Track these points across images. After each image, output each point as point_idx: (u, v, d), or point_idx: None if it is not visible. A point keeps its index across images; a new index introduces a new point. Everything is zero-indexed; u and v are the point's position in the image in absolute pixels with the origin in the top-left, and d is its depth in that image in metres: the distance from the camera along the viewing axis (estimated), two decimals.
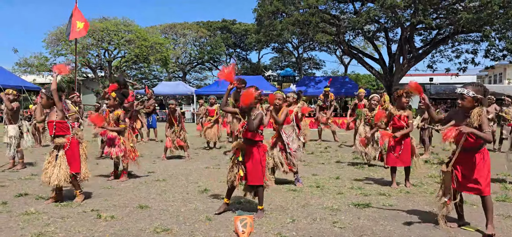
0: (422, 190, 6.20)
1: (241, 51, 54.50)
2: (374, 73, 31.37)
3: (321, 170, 8.12)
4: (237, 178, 4.83)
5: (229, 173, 4.92)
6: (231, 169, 4.91)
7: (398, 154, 6.30)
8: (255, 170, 4.77)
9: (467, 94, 4.07)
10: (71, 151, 5.41)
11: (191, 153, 10.51)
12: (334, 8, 29.80)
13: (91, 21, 37.31)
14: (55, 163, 5.32)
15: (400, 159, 6.32)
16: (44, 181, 5.34)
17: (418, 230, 4.30)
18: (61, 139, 5.38)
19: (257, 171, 4.77)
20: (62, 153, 5.35)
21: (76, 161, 5.46)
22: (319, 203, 5.39)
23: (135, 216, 4.80)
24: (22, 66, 37.56)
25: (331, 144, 13.19)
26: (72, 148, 5.42)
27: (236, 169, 4.85)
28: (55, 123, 5.34)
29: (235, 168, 4.86)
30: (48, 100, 5.40)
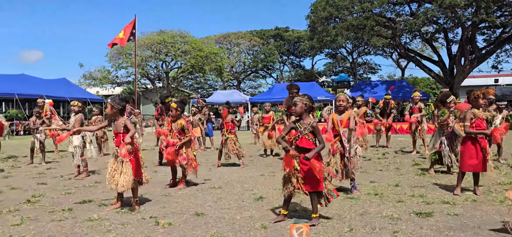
0: (491, 198, 5.78)
1: (295, 58, 54.41)
2: (433, 76, 30.12)
3: (379, 177, 7.83)
4: (295, 188, 4.73)
5: (286, 183, 4.81)
6: (288, 179, 4.79)
7: (476, 159, 5.91)
8: (313, 177, 4.66)
9: None
10: (135, 157, 5.60)
11: (247, 160, 10.54)
12: (390, 10, 29.00)
13: (149, 34, 38.98)
14: (121, 169, 5.50)
15: (479, 164, 5.92)
16: (112, 187, 5.52)
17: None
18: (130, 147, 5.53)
19: (314, 178, 4.66)
20: (127, 160, 5.53)
21: (139, 167, 5.67)
22: (378, 212, 5.18)
23: (192, 223, 4.85)
24: (87, 79, 39.79)
25: (389, 150, 12.73)
26: (135, 154, 5.62)
27: (294, 179, 4.75)
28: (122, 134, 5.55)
29: (293, 178, 4.76)
30: (112, 110, 5.62)
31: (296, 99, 4.82)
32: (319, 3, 29.59)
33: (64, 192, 6.81)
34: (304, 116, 4.76)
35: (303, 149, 4.70)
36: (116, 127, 5.63)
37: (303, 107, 4.75)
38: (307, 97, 4.85)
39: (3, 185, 7.56)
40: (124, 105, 5.71)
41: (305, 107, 4.76)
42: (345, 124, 6.12)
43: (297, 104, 4.77)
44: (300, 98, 4.80)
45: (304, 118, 4.76)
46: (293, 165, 4.68)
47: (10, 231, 4.62)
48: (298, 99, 4.79)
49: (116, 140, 5.61)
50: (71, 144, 8.60)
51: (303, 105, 4.75)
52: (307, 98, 4.83)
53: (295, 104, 4.78)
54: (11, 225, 4.86)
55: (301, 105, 4.75)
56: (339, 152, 6.24)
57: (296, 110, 4.78)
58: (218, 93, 37.05)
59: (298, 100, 4.78)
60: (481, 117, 5.95)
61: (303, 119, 4.76)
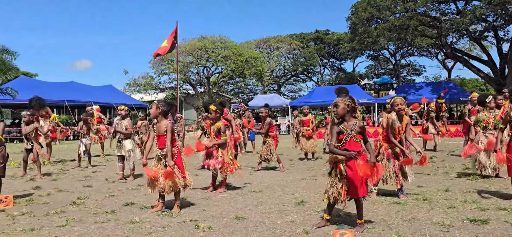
0: None
1: (335, 60, 53.70)
2: (482, 76, 28.74)
3: (427, 181, 7.46)
4: (342, 194, 4.51)
5: (331, 188, 4.59)
6: (334, 184, 4.58)
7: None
8: (357, 182, 4.45)
9: None
10: (178, 160, 5.64)
11: (287, 164, 10.40)
12: (434, 9, 27.96)
13: (190, 41, 39.67)
14: (162, 173, 5.52)
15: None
16: (154, 190, 5.55)
17: None
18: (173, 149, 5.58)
19: (359, 182, 4.45)
20: (173, 163, 5.55)
21: (183, 170, 5.69)
22: (428, 218, 4.89)
23: (232, 227, 4.77)
24: (131, 86, 40.96)
25: (437, 154, 12.19)
26: (178, 157, 5.66)
27: (340, 184, 4.53)
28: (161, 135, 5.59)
29: (339, 182, 4.54)
30: (157, 110, 5.68)
31: (338, 100, 4.62)
32: (360, 4, 29.01)
33: (108, 195, 6.94)
34: (347, 117, 4.56)
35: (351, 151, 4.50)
36: (158, 129, 5.66)
37: (345, 108, 4.55)
38: (349, 98, 4.65)
39: (51, 187, 7.81)
40: (168, 109, 5.79)
41: (348, 108, 4.56)
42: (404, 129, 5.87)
43: (339, 105, 4.57)
44: (342, 99, 4.60)
45: (348, 119, 4.56)
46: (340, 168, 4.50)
47: (55, 232, 4.72)
48: (340, 100, 4.60)
49: (158, 142, 5.64)
50: (123, 148, 8.78)
51: (345, 106, 4.55)
52: (349, 98, 4.63)
53: (337, 106, 4.59)
54: (56, 226, 4.97)
55: (343, 106, 4.55)
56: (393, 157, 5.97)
57: (338, 112, 4.59)
58: (259, 97, 37.09)
59: (340, 101, 4.59)
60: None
61: (346, 121, 4.56)
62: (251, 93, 49.39)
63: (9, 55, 23.83)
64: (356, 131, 4.49)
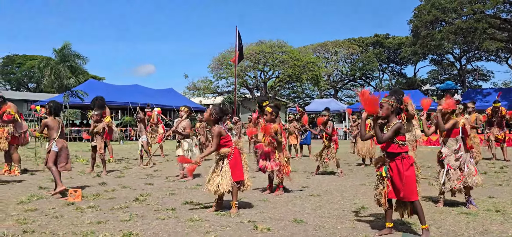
0: None
1: (395, 65, 52.01)
2: None
3: (498, 192, 6.95)
4: (383, 196, 4.40)
5: (374, 190, 4.53)
6: (376, 187, 4.52)
7: None
8: (402, 184, 4.27)
9: None
10: (234, 161, 5.67)
11: (345, 169, 10.14)
12: (505, 11, 26.26)
13: (248, 45, 40.11)
14: (220, 173, 5.60)
15: None
16: (210, 189, 5.63)
17: None
18: (225, 149, 5.64)
19: (405, 185, 4.26)
20: (226, 163, 5.60)
21: (239, 170, 5.71)
22: (502, 231, 4.53)
23: (291, 230, 4.68)
24: (191, 90, 42.09)
25: (508, 164, 11.37)
26: (235, 158, 5.69)
27: (381, 186, 4.43)
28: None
29: (380, 184, 4.45)
30: (210, 117, 5.77)
31: (382, 100, 4.53)
32: (424, 6, 27.90)
33: (169, 193, 7.10)
34: (391, 118, 4.44)
35: (391, 153, 4.39)
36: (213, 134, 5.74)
37: (390, 108, 4.44)
38: (395, 98, 4.52)
39: (116, 184, 8.13)
40: (221, 117, 5.84)
41: (392, 108, 4.44)
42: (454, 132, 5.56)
43: (383, 106, 4.47)
44: (386, 100, 4.51)
45: (391, 120, 4.42)
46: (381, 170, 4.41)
47: (119, 226, 4.88)
48: (384, 101, 4.51)
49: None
50: (181, 147, 8.99)
51: (389, 107, 4.44)
52: (394, 99, 4.51)
53: (381, 106, 4.48)
54: (121, 220, 5.14)
55: (387, 106, 4.45)
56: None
57: (382, 112, 4.46)
58: (316, 102, 36.70)
59: (384, 102, 4.50)
60: None
61: (390, 121, 4.43)
62: (308, 98, 48.98)
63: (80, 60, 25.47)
64: (392, 132, 4.34)
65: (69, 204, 6.07)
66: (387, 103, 4.46)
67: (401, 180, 4.30)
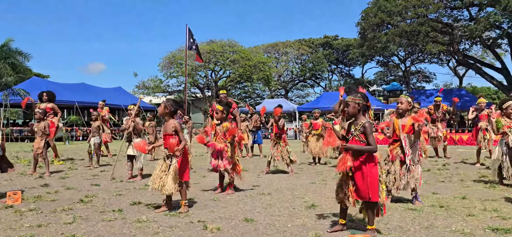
0: None
1: (344, 66, 53.41)
2: (495, 84, 28.35)
3: (442, 188, 7.24)
4: (348, 196, 4.34)
5: (338, 189, 4.44)
6: (340, 187, 4.42)
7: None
8: (365, 184, 4.25)
9: None
10: (183, 160, 5.52)
11: (296, 168, 10.22)
12: (447, 15, 27.66)
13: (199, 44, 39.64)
14: (168, 171, 5.42)
15: None
16: (155, 187, 5.44)
17: None
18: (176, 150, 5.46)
19: (367, 185, 4.24)
20: (175, 162, 5.43)
21: (187, 170, 5.58)
22: (446, 226, 4.68)
23: (241, 229, 4.60)
24: (140, 88, 41.09)
25: (450, 161, 11.93)
26: (184, 157, 5.56)
27: (345, 186, 4.36)
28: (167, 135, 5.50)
29: (345, 185, 4.37)
30: (165, 110, 5.59)
31: (348, 99, 4.46)
32: (370, 9, 28.81)
33: (116, 194, 6.82)
34: (358, 116, 4.39)
35: (355, 151, 4.31)
36: (165, 129, 5.57)
37: (356, 107, 4.38)
38: (361, 96, 4.45)
39: (59, 185, 7.72)
40: (176, 109, 5.73)
41: (359, 107, 4.38)
42: (408, 129, 5.68)
43: (350, 104, 4.41)
44: (352, 98, 4.43)
45: (358, 118, 4.38)
46: (346, 168, 4.29)
47: (62, 229, 4.60)
48: (350, 99, 4.43)
49: (165, 142, 5.53)
50: (133, 147, 8.67)
51: (355, 105, 4.38)
52: (360, 96, 4.44)
53: (348, 105, 4.43)
54: (63, 223, 4.85)
55: (353, 105, 4.39)
56: (399, 159, 5.80)
57: (348, 111, 4.42)
58: (267, 101, 36.93)
59: (350, 100, 4.42)
60: None
61: (357, 120, 4.39)
62: (259, 98, 49.24)
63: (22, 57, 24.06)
64: (360, 130, 4.32)
65: (7, 207, 5.70)
66: (353, 101, 4.40)
67: (364, 179, 4.27)
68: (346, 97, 4.52)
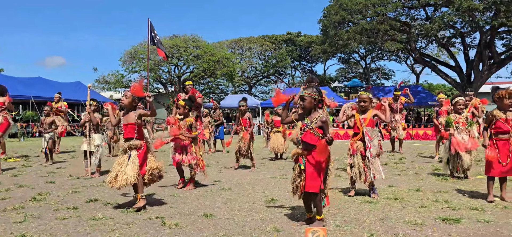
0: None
1: (306, 63, 54.04)
2: (450, 81, 29.51)
3: (398, 181, 7.47)
4: (299, 189, 4.42)
5: (293, 183, 4.53)
6: (294, 179, 4.50)
7: (505, 162, 5.50)
8: (313, 176, 4.33)
9: None
10: (143, 155, 5.40)
11: (257, 163, 10.26)
12: (404, 14, 28.51)
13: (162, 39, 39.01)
14: (127, 163, 5.29)
15: (503, 168, 5.52)
16: (110, 181, 5.28)
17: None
18: (137, 141, 5.36)
19: (315, 177, 4.32)
20: (135, 154, 5.32)
21: (144, 165, 5.45)
22: (400, 217, 4.83)
23: (200, 225, 4.57)
24: (100, 83, 40.00)
25: (406, 155, 12.33)
26: (144, 152, 5.43)
27: (298, 179, 4.43)
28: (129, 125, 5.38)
29: (298, 178, 4.44)
30: (129, 99, 5.45)
31: (304, 93, 4.50)
32: (332, 7, 29.25)
33: (71, 191, 6.62)
34: (313, 110, 4.47)
35: (307, 144, 4.40)
36: (127, 119, 5.42)
37: (313, 101, 4.45)
38: (316, 90, 4.52)
39: (11, 183, 7.42)
40: (139, 100, 5.66)
41: (315, 101, 4.46)
42: (369, 122, 5.82)
43: (306, 99, 4.46)
44: (309, 93, 4.48)
45: (313, 112, 4.46)
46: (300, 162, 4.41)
47: (11, 228, 4.41)
48: (307, 94, 4.48)
49: (125, 132, 5.41)
50: (91, 142, 8.41)
51: (312, 100, 4.45)
52: (315, 91, 4.51)
53: (303, 99, 4.47)
54: (13, 222, 4.66)
55: (309, 100, 4.45)
56: (360, 153, 5.93)
57: (304, 105, 4.47)
58: (230, 97, 36.86)
59: (307, 94, 4.47)
60: (503, 118, 5.56)
61: (313, 114, 4.46)
62: (222, 93, 49.08)
63: None
64: (316, 124, 4.37)
65: None
66: (310, 96, 4.45)
67: (314, 172, 4.32)
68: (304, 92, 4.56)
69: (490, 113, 5.68)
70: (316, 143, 4.36)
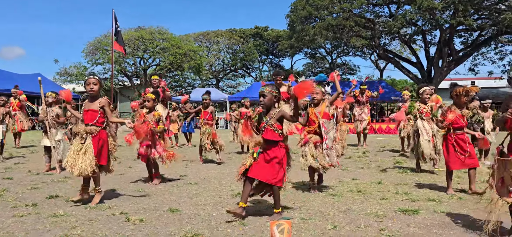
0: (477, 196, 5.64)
1: (274, 57, 54.26)
2: (411, 77, 30.40)
3: (361, 174, 7.66)
4: (241, 170, 4.52)
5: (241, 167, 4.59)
6: (243, 161, 4.58)
7: (465, 156, 5.70)
8: (271, 167, 4.40)
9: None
10: (101, 142, 5.25)
11: (224, 157, 10.26)
12: (369, 11, 29.09)
13: (127, 31, 38.16)
14: (82, 151, 5.13)
15: (467, 161, 5.71)
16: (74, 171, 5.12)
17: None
18: (93, 127, 5.23)
19: (273, 169, 4.39)
20: (90, 141, 5.17)
21: (104, 154, 5.31)
22: (362, 209, 4.97)
23: (165, 220, 4.54)
24: (62, 76, 38.72)
25: (369, 149, 12.64)
26: (102, 140, 5.26)
27: (246, 161, 4.51)
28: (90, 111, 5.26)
29: (246, 160, 4.52)
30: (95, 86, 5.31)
31: (265, 90, 4.53)
32: (299, 2, 29.49)
33: (30, 187, 6.40)
34: (272, 107, 4.52)
35: (269, 141, 4.46)
36: (89, 105, 5.29)
37: (273, 98, 4.50)
38: (276, 88, 4.61)
39: None
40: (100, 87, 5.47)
41: (275, 98, 4.52)
42: (324, 114, 5.94)
43: (266, 95, 4.49)
44: (269, 90, 4.52)
45: (272, 109, 4.51)
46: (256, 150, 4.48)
47: None
48: (267, 91, 4.51)
49: (86, 117, 5.26)
50: (52, 137, 8.14)
51: (272, 97, 4.50)
52: (275, 88, 4.59)
53: (264, 96, 4.50)
54: None
55: (270, 97, 4.50)
56: (313, 143, 6.02)
57: (265, 102, 4.50)
58: (198, 90, 36.55)
59: (267, 91, 4.51)
60: (460, 114, 5.80)
61: (271, 110, 4.51)
62: (189, 87, 48.55)
63: None
64: (275, 119, 4.43)
65: None
66: (270, 93, 4.47)
67: (271, 163, 4.40)
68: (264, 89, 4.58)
69: (448, 108, 5.90)
70: (277, 138, 4.42)
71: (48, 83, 32.12)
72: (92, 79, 5.35)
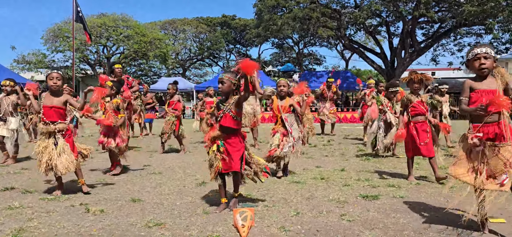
0: (433, 181, 5.84)
1: (241, 46, 54.07)
2: (375, 67, 31.00)
3: (324, 162, 7.77)
4: (214, 171, 4.40)
5: (210, 169, 4.46)
6: (211, 164, 4.43)
7: (424, 143, 5.82)
8: (232, 156, 4.34)
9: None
10: (71, 136, 5.22)
11: (189, 147, 10.17)
12: (335, 2, 29.36)
13: (89, 17, 36.99)
14: (58, 151, 4.99)
15: (427, 148, 5.80)
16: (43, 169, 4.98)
17: (434, 222, 3.95)
18: (61, 125, 5.08)
19: (234, 157, 4.34)
20: (63, 141, 5.06)
21: (75, 148, 5.27)
22: (325, 195, 5.04)
23: (127, 210, 4.45)
24: (20, 63, 37.24)
25: (334, 138, 12.85)
26: (71, 136, 5.22)
27: (216, 162, 4.38)
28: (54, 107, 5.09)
29: (215, 161, 4.39)
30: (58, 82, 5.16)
31: (224, 76, 4.41)
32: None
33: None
34: (230, 95, 4.41)
35: (227, 128, 4.35)
36: (51, 100, 5.10)
37: (231, 85, 4.38)
38: (235, 75, 4.45)
39: None
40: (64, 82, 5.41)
41: (233, 86, 4.40)
42: (287, 109, 6.02)
43: (225, 82, 4.37)
44: (228, 77, 4.39)
45: (231, 97, 4.40)
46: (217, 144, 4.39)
47: None
48: (226, 77, 4.38)
49: (50, 113, 5.07)
50: (7, 126, 7.79)
51: (231, 84, 4.38)
52: (235, 75, 4.44)
53: (223, 83, 4.38)
54: None
55: (229, 84, 4.37)
56: (281, 133, 6.07)
57: (223, 89, 4.39)
58: (163, 80, 35.98)
59: (226, 78, 4.38)
60: (418, 101, 5.95)
61: (229, 98, 4.40)
62: (155, 76, 47.77)
63: None
64: (233, 105, 4.34)
65: None
66: (229, 80, 4.37)
67: (231, 152, 4.34)
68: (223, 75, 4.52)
69: (405, 97, 6.05)
70: (235, 126, 4.36)
71: (5, 71, 30.80)
72: (55, 74, 5.21)
